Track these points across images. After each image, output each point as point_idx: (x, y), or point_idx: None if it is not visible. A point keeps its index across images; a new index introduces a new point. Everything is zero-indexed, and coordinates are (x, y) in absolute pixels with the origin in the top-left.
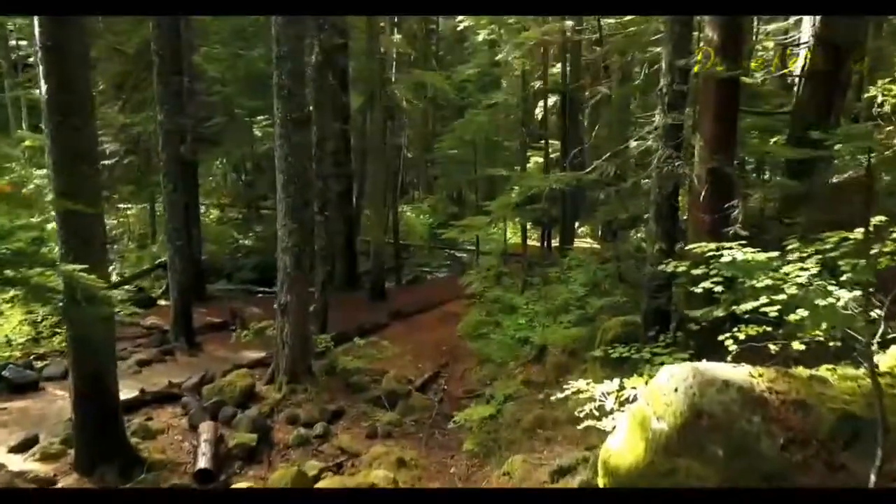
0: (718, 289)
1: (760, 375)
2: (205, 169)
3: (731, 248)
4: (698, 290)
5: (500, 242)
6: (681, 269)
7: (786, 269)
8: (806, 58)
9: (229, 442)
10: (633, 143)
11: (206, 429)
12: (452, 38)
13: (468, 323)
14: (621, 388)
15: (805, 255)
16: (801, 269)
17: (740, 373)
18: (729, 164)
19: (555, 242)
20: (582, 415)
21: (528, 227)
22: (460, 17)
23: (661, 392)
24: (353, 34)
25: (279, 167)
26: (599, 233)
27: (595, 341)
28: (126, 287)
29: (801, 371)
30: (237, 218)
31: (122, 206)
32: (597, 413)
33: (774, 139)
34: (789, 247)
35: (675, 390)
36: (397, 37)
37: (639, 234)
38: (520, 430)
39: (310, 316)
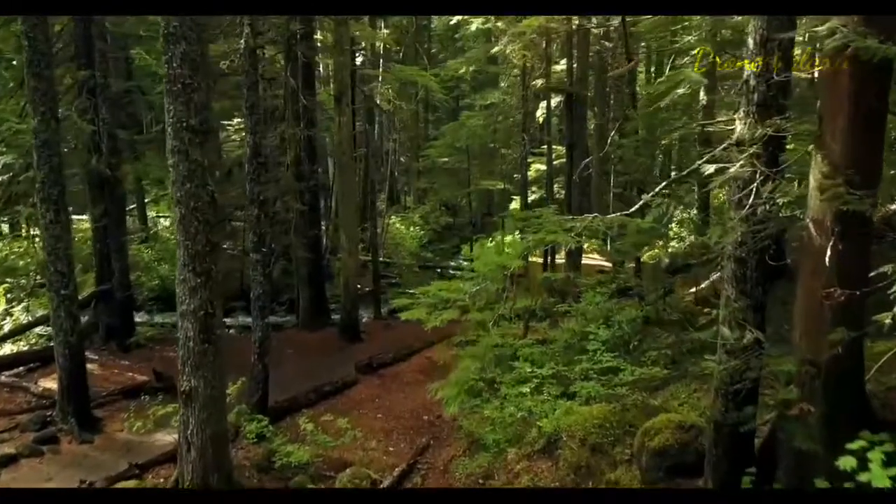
0: None
1: None
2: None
3: None
4: None
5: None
6: None
7: None
8: None
9: None
10: (709, 168)
11: None
12: (446, 33)
13: (455, 387)
14: None
15: None
16: None
17: None
18: (872, 204)
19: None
20: None
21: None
22: None
23: None
24: (323, 23)
25: (175, 195)
26: (609, 246)
27: (631, 443)
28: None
29: None
30: None
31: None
32: None
33: None
34: None
35: None
36: (385, 31)
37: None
38: None
39: (253, 382)
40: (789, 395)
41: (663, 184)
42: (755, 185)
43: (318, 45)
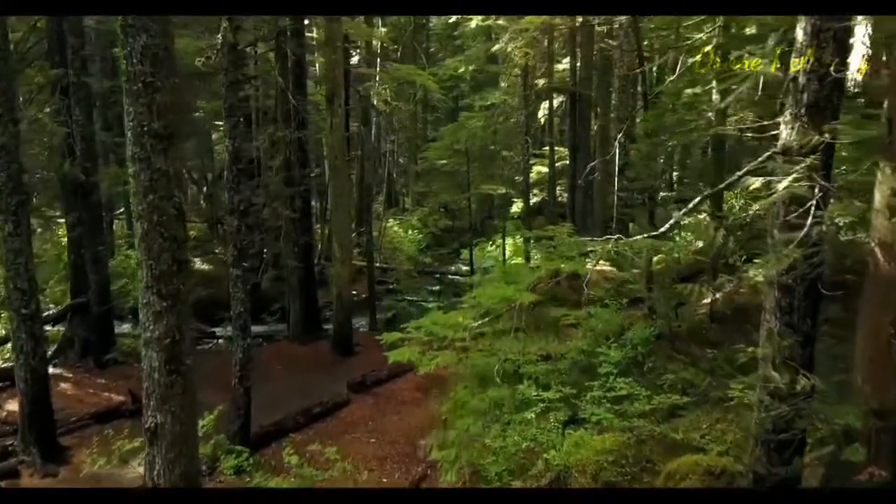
0: None
1: None
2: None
3: None
4: None
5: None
6: None
7: None
8: None
9: None
10: (754, 182)
11: None
12: (445, 31)
13: (453, 449)
14: None
15: None
16: None
17: None
18: None
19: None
20: None
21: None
22: None
23: None
24: (315, 20)
25: (136, 208)
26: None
27: (649, 482)
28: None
29: None
30: (193, 238)
31: None
32: None
33: None
34: None
35: None
36: (382, 30)
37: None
38: None
39: (232, 416)
40: (855, 455)
41: (697, 199)
42: (814, 202)
43: (313, 42)
